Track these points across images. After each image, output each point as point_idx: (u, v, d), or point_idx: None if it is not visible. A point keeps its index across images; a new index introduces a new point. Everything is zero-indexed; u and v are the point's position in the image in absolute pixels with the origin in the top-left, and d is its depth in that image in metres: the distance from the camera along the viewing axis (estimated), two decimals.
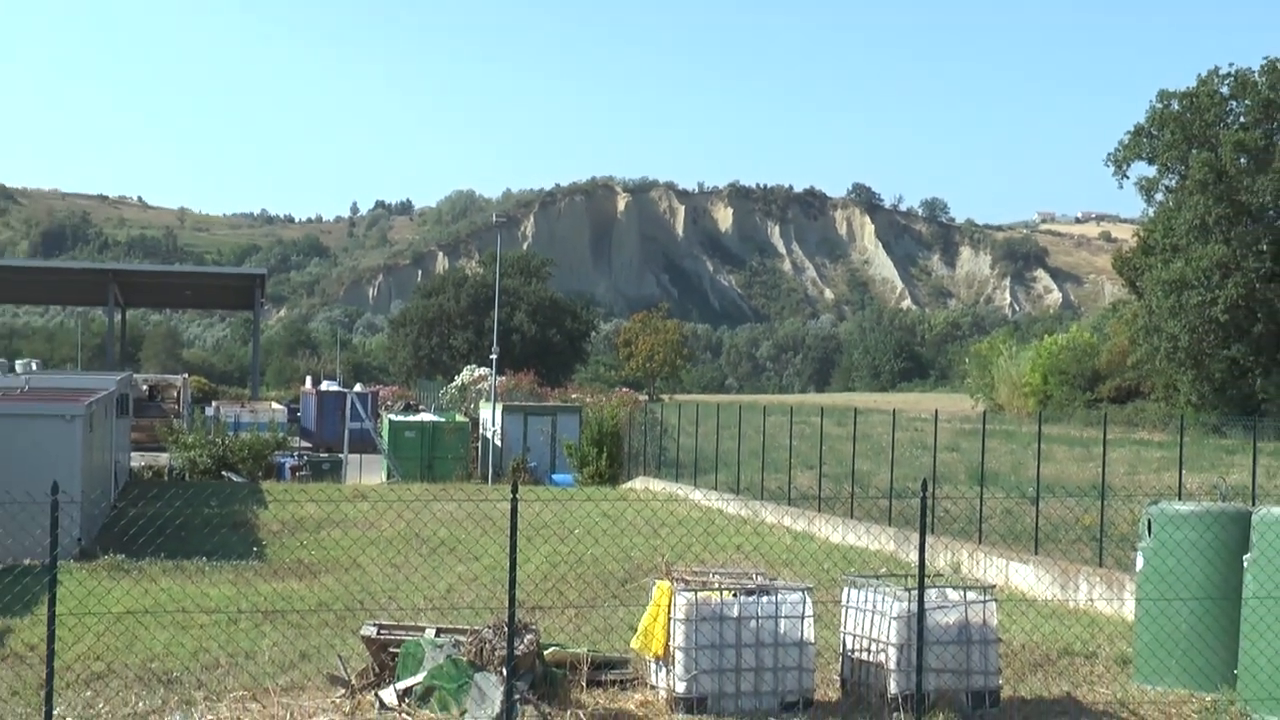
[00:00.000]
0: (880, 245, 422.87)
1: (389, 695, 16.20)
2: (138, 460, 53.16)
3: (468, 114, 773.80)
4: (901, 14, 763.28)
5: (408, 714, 15.83)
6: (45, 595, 10.28)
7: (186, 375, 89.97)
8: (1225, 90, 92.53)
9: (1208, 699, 17.88)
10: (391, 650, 16.93)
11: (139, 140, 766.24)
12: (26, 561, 25.80)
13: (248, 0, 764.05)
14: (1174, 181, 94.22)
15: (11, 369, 63.35)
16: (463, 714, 15.51)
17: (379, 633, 17.37)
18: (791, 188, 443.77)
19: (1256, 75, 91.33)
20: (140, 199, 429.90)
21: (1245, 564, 17.81)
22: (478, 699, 15.50)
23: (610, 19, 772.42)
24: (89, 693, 16.76)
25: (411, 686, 16.20)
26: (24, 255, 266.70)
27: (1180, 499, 22.48)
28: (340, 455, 57.97)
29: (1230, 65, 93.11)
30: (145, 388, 73.21)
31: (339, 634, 19.58)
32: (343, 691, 16.76)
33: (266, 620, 21.28)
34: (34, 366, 67.10)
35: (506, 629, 13.12)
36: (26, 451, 27.96)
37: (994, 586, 19.98)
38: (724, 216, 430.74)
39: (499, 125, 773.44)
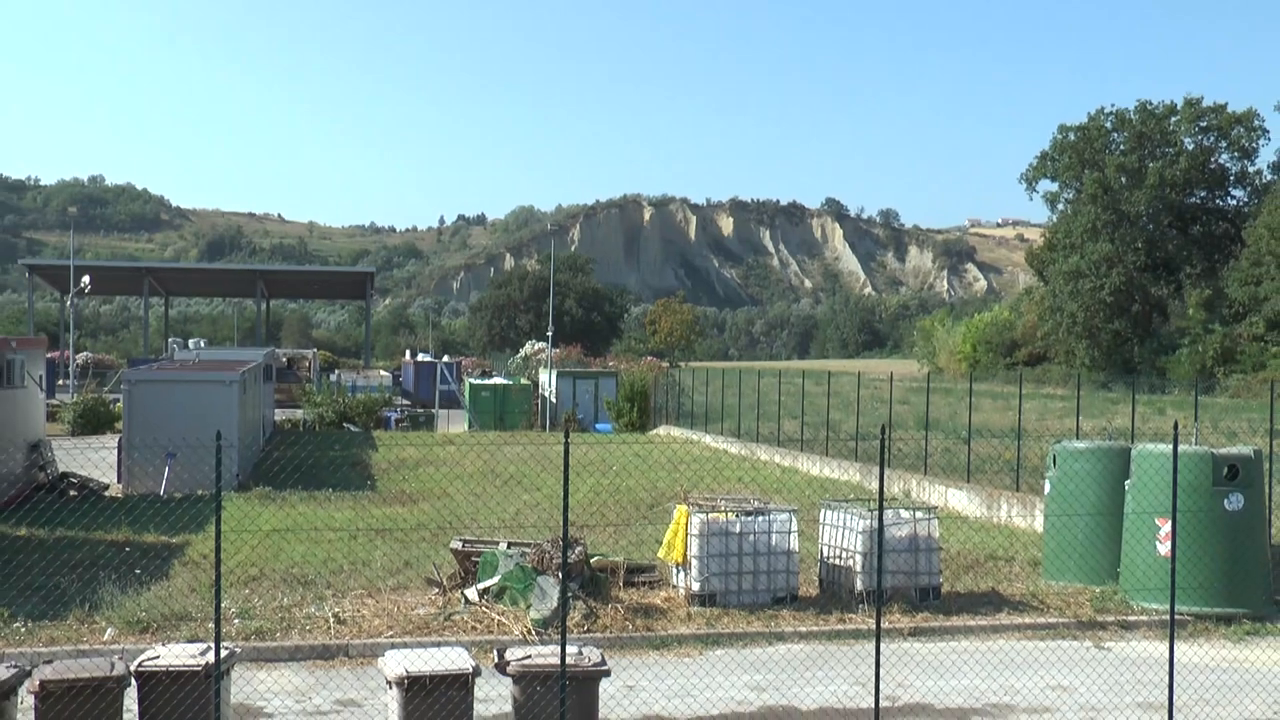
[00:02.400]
0: (847, 245, 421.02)
1: (472, 593, 16.30)
2: (280, 415, 53.32)
3: (527, 144, 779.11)
4: (867, 62, 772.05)
5: (486, 608, 15.91)
6: (214, 517, 10.35)
7: (315, 350, 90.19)
8: (1109, 125, 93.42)
9: (1098, 590, 17.95)
10: (473, 559, 17.03)
11: (279, 169, 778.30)
12: (199, 492, 26.12)
13: (355, 63, 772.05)
14: (1071, 195, 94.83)
15: (186, 346, 63.78)
16: (528, 608, 15.59)
17: (464, 546, 17.47)
18: (778, 201, 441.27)
19: (1132, 113, 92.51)
20: (279, 215, 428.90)
21: (1126, 488, 17.85)
22: (540, 596, 15.57)
23: (639, 72, 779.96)
24: (247, 590, 16.92)
25: (489, 586, 16.30)
26: (194, 259, 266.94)
27: (1077, 439, 22.43)
28: (433, 410, 58.07)
29: (1112, 105, 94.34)
30: (284, 360, 73.33)
31: (433, 547, 19.67)
32: (436, 590, 16.87)
33: (378, 536, 21.41)
34: (202, 344, 67.64)
35: (561, 542, 13.18)
36: (198, 408, 28.11)
37: (936, 507, 20.02)
38: (726, 224, 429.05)
39: (552, 153, 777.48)
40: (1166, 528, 16.41)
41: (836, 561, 17.64)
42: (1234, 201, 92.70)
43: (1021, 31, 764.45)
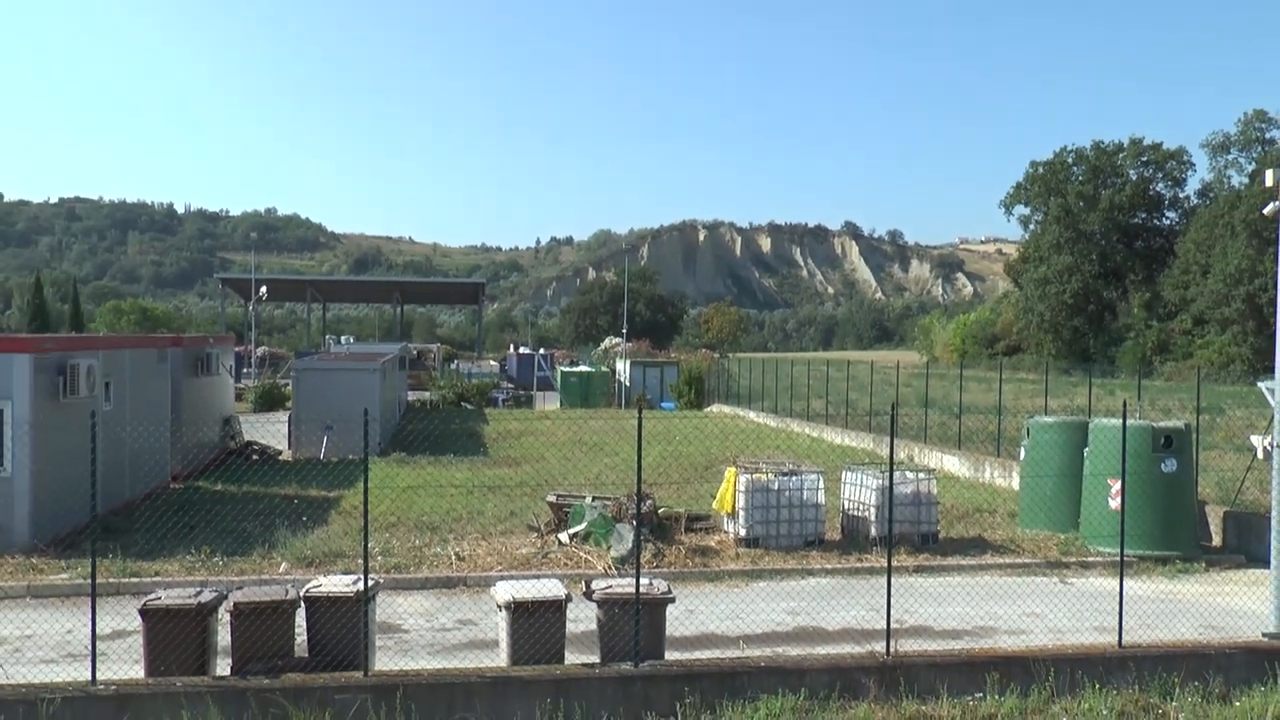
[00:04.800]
0: (861, 259, 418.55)
1: (564, 537, 16.41)
2: (411, 396, 53.67)
3: (607, 180, 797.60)
4: (879, 116, 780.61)
5: (575, 548, 16.01)
6: (362, 477, 10.50)
7: (439, 344, 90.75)
8: (1070, 160, 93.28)
9: (1062, 537, 17.78)
10: (565, 509, 17.13)
11: (410, 202, 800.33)
12: (350, 456, 26.38)
13: (473, 121, 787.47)
14: (1040, 217, 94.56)
15: (339, 341, 64.45)
16: (609, 548, 15.67)
17: (557, 499, 17.59)
18: (807, 224, 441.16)
19: (1088, 151, 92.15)
20: (410, 238, 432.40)
21: (1085, 455, 17.67)
22: (618, 539, 15.65)
23: (697, 122, 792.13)
24: (387, 534, 17.12)
25: (577, 531, 16.40)
26: (344, 273, 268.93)
27: (1046, 415, 22.17)
28: (532, 392, 58.35)
29: (1072, 144, 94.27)
30: (415, 352, 73.74)
31: (533, 500, 19.80)
32: (536, 534, 16.99)
33: (489, 491, 21.58)
34: (351, 340, 68.15)
35: (635, 497, 13.25)
36: (349, 390, 28.39)
37: (934, 469, 19.86)
38: (765, 242, 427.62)
39: (626, 186, 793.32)
40: (1116, 486, 16.25)
41: (855, 512, 17.58)
42: (1168, 221, 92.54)
43: (1001, 88, 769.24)
